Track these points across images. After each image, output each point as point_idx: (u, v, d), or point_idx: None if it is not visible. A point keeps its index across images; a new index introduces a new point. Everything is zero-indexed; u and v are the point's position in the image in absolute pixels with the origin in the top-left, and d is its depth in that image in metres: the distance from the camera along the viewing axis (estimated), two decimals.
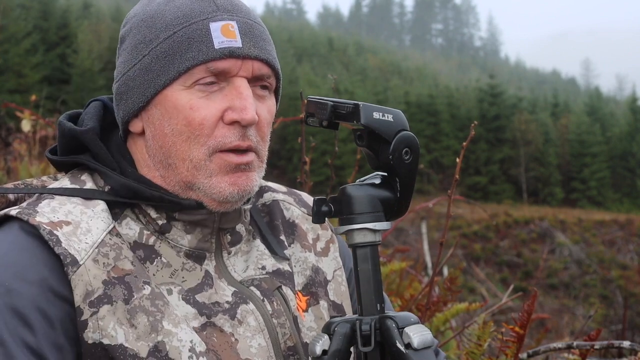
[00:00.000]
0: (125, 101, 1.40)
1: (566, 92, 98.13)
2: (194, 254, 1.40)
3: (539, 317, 3.47)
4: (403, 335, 1.24)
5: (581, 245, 28.42)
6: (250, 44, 1.36)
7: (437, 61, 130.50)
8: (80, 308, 1.25)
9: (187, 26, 1.34)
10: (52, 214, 1.31)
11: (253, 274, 1.45)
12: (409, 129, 1.32)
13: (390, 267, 3.41)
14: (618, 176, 55.89)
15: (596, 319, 12.74)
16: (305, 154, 2.78)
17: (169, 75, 1.34)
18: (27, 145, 6.00)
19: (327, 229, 1.63)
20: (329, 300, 1.54)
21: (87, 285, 1.26)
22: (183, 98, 1.34)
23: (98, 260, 1.28)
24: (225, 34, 1.34)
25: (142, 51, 1.37)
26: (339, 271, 1.60)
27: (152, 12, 1.39)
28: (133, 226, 1.38)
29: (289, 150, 45.51)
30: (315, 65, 67.51)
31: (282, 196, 1.62)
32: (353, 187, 1.30)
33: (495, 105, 57.00)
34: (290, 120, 3.57)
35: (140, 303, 1.29)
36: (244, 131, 1.35)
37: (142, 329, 1.27)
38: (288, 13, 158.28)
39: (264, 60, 1.38)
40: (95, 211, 1.34)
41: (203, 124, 1.33)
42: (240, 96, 1.34)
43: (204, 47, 1.33)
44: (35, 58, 43.13)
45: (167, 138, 1.36)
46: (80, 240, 1.29)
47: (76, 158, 1.42)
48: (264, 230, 1.53)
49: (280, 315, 1.42)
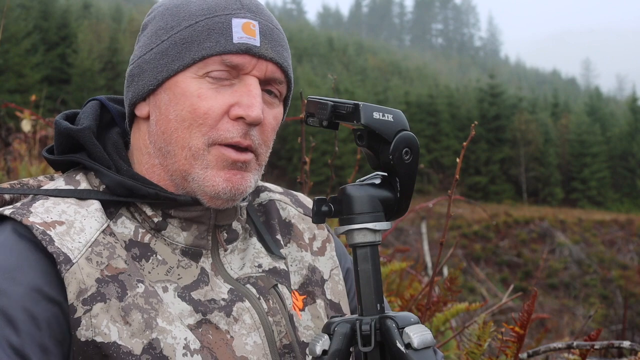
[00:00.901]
0: (136, 83, 1.41)
1: (566, 92, 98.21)
2: (190, 251, 1.41)
3: (539, 317, 3.47)
4: (403, 335, 1.24)
5: (581, 245, 28.43)
6: (268, 45, 1.38)
7: (437, 61, 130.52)
8: (74, 306, 1.25)
9: (210, 18, 1.37)
10: (45, 214, 1.31)
11: (249, 272, 1.46)
12: (409, 129, 1.32)
13: (390, 267, 3.41)
14: (618, 176, 55.90)
15: (596, 319, 12.74)
16: (305, 154, 2.78)
17: (183, 62, 1.36)
18: (27, 145, 6.00)
19: (323, 228, 1.64)
20: (326, 299, 1.55)
21: (80, 284, 1.26)
22: (193, 86, 1.35)
23: (91, 259, 1.29)
24: (245, 30, 1.37)
25: (162, 37, 1.39)
26: (335, 270, 1.60)
27: (178, 2, 1.42)
28: (128, 224, 1.38)
29: (289, 150, 45.50)
30: (315, 65, 67.51)
31: (278, 196, 1.63)
32: (353, 187, 1.30)
33: (495, 105, 57.01)
34: (290, 120, 3.57)
35: (134, 301, 1.29)
36: (247, 129, 1.36)
37: (137, 326, 1.27)
38: (288, 13, 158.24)
39: (279, 64, 1.40)
40: (89, 210, 1.35)
41: (208, 114, 1.34)
42: (250, 93, 1.35)
43: (223, 39, 1.35)
44: (35, 58, 43.14)
45: (170, 123, 1.37)
46: (73, 240, 1.29)
47: (72, 157, 1.42)
48: (260, 229, 1.54)
49: (276, 314, 1.43)
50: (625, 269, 25.33)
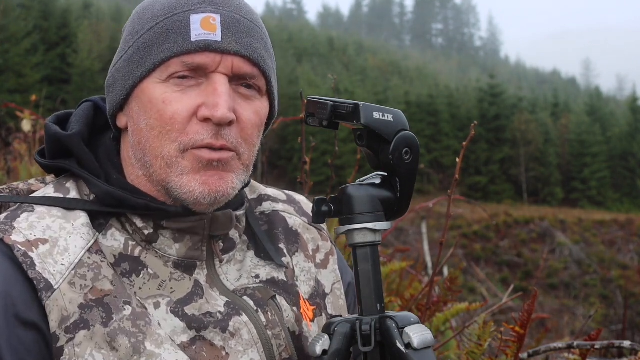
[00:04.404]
0: (111, 94, 1.36)
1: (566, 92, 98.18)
2: (182, 264, 1.34)
3: (539, 317, 3.47)
4: (403, 335, 1.24)
5: (581, 245, 28.43)
6: (231, 38, 1.29)
7: (437, 61, 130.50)
8: (56, 334, 1.20)
9: (169, 17, 1.29)
10: (29, 230, 1.25)
11: (246, 283, 1.40)
12: (409, 129, 1.31)
13: (390, 267, 3.41)
14: (618, 176, 55.91)
15: (596, 319, 12.73)
16: (305, 154, 2.78)
17: (145, 67, 1.29)
18: (27, 145, 5.99)
19: (327, 240, 1.58)
20: (327, 313, 1.50)
21: (62, 311, 1.21)
22: (157, 91, 1.28)
23: (75, 283, 1.23)
24: (204, 26, 1.28)
25: (129, 42, 1.33)
26: (337, 284, 1.55)
27: (147, 4, 1.36)
28: (118, 237, 1.32)
29: (289, 150, 45.50)
30: (315, 65, 67.47)
31: (281, 206, 1.55)
32: (353, 187, 1.30)
33: (495, 105, 57.03)
34: (290, 120, 3.57)
35: (121, 325, 1.23)
36: (218, 130, 1.28)
37: (124, 352, 1.22)
38: (288, 13, 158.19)
39: (246, 56, 1.30)
40: (75, 226, 1.28)
41: (174, 119, 1.27)
42: (215, 92, 1.27)
43: (180, 39, 1.27)
44: (35, 58, 43.16)
45: (142, 133, 1.30)
46: (56, 262, 1.23)
47: (62, 163, 1.36)
48: (261, 237, 1.46)
49: (275, 326, 1.37)
50: (625, 269, 25.33)
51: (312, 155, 2.95)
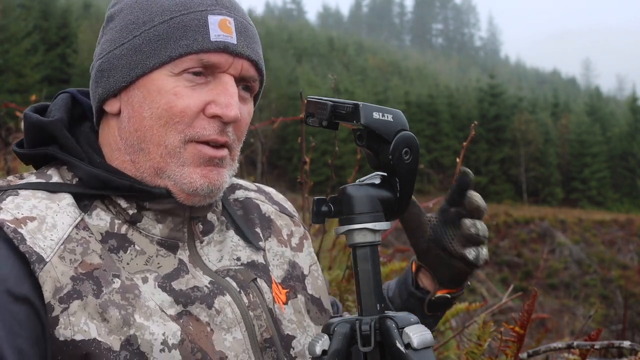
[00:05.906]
0: (107, 79, 1.38)
1: (566, 92, 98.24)
2: (166, 243, 1.39)
3: (539, 317, 3.48)
4: (403, 335, 1.24)
5: (581, 245, 28.45)
6: (244, 42, 1.37)
7: (437, 61, 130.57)
8: (51, 304, 1.23)
9: (185, 14, 1.34)
10: (16, 210, 1.28)
11: (228, 264, 1.45)
12: (409, 129, 1.32)
13: (390, 267, 3.41)
14: (618, 176, 55.94)
15: (596, 319, 12.73)
16: (305, 154, 2.78)
17: (159, 59, 1.33)
18: None
19: (299, 225, 1.66)
20: (307, 294, 1.55)
21: (55, 282, 1.24)
22: (169, 84, 1.33)
23: (64, 257, 1.26)
24: (222, 28, 1.35)
25: (133, 32, 1.36)
26: (314, 266, 1.62)
27: None
28: (103, 216, 1.36)
29: (289, 150, 45.52)
30: (315, 65, 67.50)
31: (254, 194, 1.63)
32: (353, 187, 1.30)
33: (495, 105, 57.06)
34: (290, 120, 3.57)
35: (111, 297, 1.27)
36: (224, 127, 1.35)
37: (115, 323, 1.25)
38: (288, 13, 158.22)
39: (254, 62, 1.39)
40: (60, 205, 1.32)
41: (184, 112, 1.33)
42: (227, 92, 1.34)
43: (200, 37, 1.33)
44: (35, 58, 43.18)
45: (144, 121, 1.35)
46: (45, 237, 1.26)
47: (43, 150, 1.40)
48: (238, 221, 1.52)
49: (257, 307, 1.41)
50: (625, 269, 25.35)
51: (312, 155, 2.95)
